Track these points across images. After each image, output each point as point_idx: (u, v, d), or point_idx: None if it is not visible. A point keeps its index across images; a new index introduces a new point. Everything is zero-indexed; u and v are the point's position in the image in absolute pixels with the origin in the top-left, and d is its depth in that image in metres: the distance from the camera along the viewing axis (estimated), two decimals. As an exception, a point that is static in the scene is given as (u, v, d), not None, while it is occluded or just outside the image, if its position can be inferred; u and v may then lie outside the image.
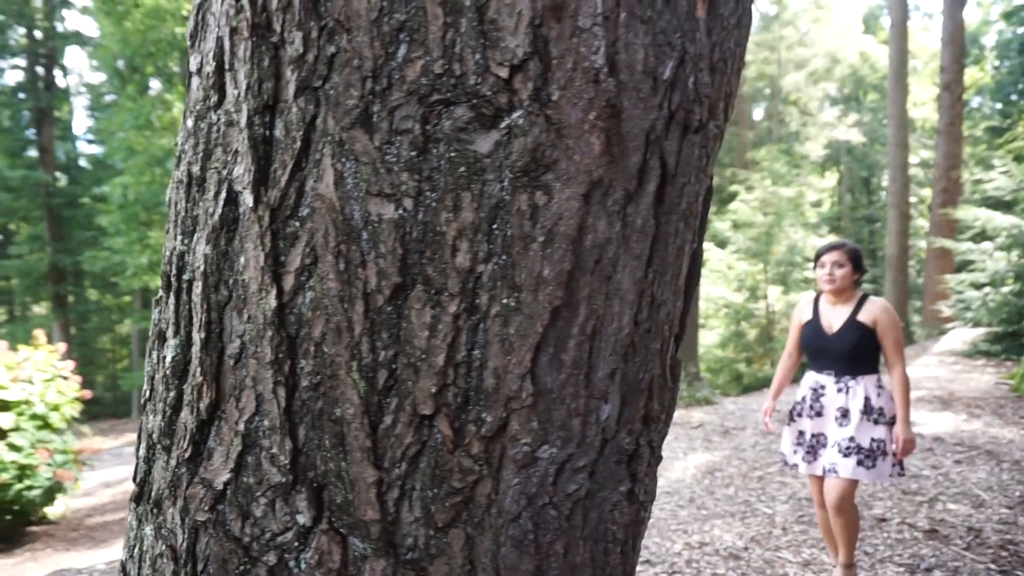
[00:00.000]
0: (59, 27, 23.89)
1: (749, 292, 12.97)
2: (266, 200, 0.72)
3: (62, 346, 8.86)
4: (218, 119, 0.76)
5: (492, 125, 0.71)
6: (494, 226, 0.72)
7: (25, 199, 22.74)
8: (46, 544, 7.25)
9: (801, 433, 3.12)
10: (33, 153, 23.75)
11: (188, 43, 0.83)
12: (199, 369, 0.76)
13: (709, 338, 13.11)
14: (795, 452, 3.16)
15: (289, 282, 0.72)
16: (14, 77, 23.84)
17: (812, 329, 3.10)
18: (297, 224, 0.72)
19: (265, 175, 0.72)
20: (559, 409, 0.77)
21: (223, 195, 0.75)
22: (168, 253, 0.84)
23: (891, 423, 3.02)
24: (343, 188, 0.71)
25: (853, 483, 2.91)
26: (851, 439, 2.90)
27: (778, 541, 4.28)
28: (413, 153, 0.70)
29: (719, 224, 13.65)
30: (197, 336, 0.77)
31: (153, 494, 0.82)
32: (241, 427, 0.74)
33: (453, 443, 0.73)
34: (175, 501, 0.79)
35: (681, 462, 6.50)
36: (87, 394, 8.60)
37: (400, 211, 0.71)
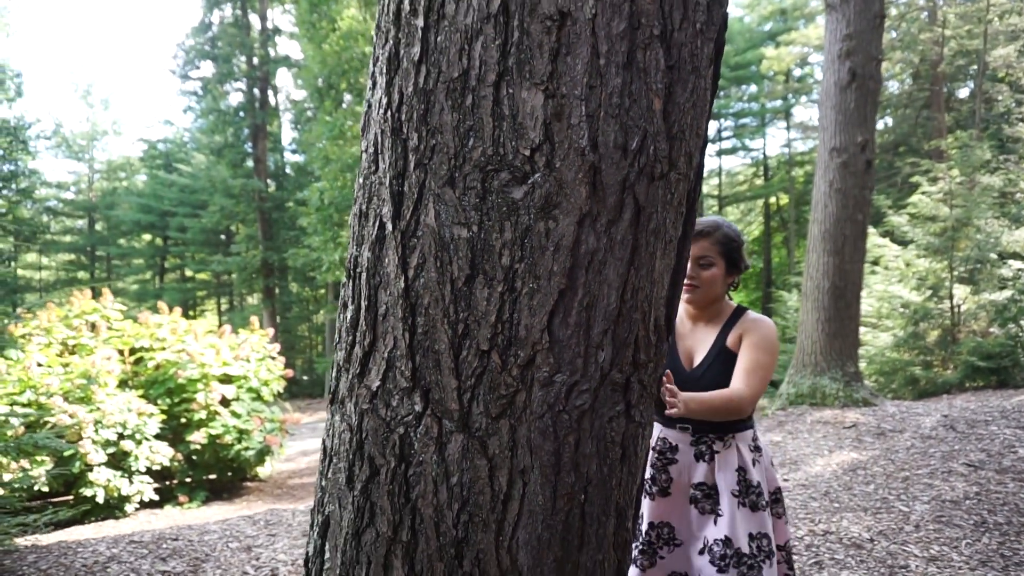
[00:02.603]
0: (272, 52, 27.04)
1: (931, 291, 12.06)
2: (399, 227, 1.29)
3: (270, 331, 10.41)
4: (375, 180, 1.34)
5: (522, 182, 1.21)
6: (525, 241, 1.23)
7: (243, 204, 26.11)
8: (257, 498, 8.69)
9: (640, 518, 2.10)
10: (250, 164, 27.18)
11: (361, 132, 1.42)
12: (363, 323, 1.35)
13: (883, 339, 12.35)
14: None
15: (411, 274, 1.28)
16: (236, 99, 27.45)
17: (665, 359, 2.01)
18: (415, 241, 1.28)
19: (399, 213, 1.29)
20: (567, 352, 1.26)
21: (377, 223, 1.33)
22: (349, 257, 1.43)
23: (773, 503, 2.05)
24: (440, 220, 1.25)
25: None
26: (726, 541, 1.94)
27: (907, 536, 4.28)
28: (477, 200, 1.23)
29: (896, 218, 12.80)
30: (362, 304, 1.35)
31: (339, 396, 1.43)
32: (386, 355, 1.32)
33: (501, 368, 1.25)
34: (351, 398, 1.38)
35: (824, 459, 6.45)
36: (290, 373, 10.03)
37: (470, 233, 1.24)
